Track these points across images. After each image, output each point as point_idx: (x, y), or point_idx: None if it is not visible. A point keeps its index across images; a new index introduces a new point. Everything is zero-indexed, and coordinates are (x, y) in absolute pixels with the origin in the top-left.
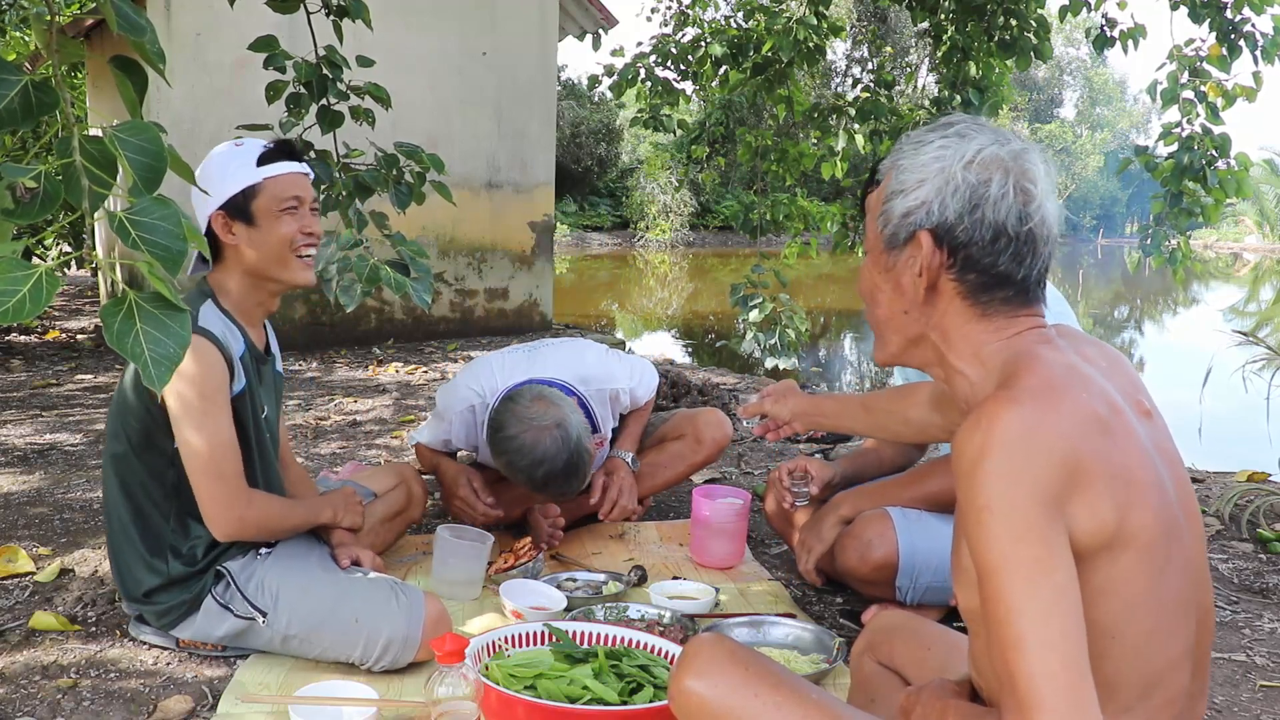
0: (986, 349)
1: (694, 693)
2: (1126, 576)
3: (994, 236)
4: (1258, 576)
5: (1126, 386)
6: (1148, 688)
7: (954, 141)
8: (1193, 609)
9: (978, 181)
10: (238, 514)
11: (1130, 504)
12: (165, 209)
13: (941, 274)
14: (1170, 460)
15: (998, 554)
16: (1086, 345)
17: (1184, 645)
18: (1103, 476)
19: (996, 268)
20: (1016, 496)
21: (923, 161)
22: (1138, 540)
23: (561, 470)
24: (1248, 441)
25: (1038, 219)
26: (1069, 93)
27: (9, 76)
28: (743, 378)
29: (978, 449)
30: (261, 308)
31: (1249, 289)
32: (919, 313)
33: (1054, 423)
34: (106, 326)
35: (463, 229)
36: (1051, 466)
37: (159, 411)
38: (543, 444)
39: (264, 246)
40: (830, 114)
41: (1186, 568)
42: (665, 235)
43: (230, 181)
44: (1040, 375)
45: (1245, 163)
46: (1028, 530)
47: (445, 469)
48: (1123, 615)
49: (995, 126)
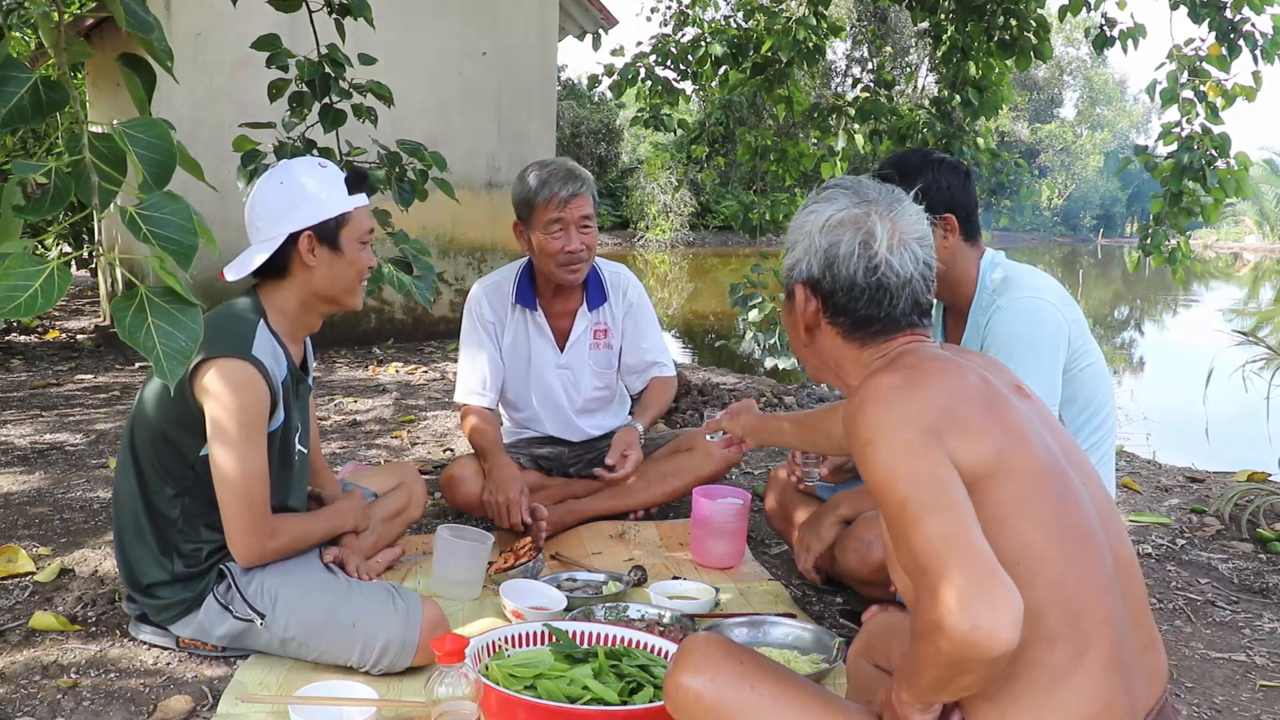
0: (871, 365)
1: (690, 689)
2: (1018, 505)
3: (849, 287)
4: (1258, 576)
5: (1002, 374)
6: (1071, 616)
7: (821, 206)
8: (1105, 550)
9: (830, 244)
10: (260, 545)
11: (1010, 445)
12: (176, 204)
13: (819, 318)
14: (1052, 427)
15: (885, 468)
16: (965, 351)
17: (1100, 579)
18: (978, 421)
19: (859, 312)
20: (894, 425)
21: (798, 224)
22: (1020, 472)
23: (564, 172)
24: (1248, 441)
25: (884, 270)
26: (1069, 93)
27: (19, 74)
28: (743, 378)
29: (858, 404)
30: (308, 327)
31: (1249, 289)
32: (814, 347)
33: (926, 381)
34: (118, 321)
35: (463, 229)
36: (926, 407)
37: (190, 418)
38: (551, 159)
39: (341, 274)
40: (830, 114)
41: (1083, 508)
42: (665, 235)
43: (327, 205)
44: (914, 358)
45: (1245, 162)
46: (908, 446)
47: (502, 465)
48: (1023, 543)
49: (864, 186)
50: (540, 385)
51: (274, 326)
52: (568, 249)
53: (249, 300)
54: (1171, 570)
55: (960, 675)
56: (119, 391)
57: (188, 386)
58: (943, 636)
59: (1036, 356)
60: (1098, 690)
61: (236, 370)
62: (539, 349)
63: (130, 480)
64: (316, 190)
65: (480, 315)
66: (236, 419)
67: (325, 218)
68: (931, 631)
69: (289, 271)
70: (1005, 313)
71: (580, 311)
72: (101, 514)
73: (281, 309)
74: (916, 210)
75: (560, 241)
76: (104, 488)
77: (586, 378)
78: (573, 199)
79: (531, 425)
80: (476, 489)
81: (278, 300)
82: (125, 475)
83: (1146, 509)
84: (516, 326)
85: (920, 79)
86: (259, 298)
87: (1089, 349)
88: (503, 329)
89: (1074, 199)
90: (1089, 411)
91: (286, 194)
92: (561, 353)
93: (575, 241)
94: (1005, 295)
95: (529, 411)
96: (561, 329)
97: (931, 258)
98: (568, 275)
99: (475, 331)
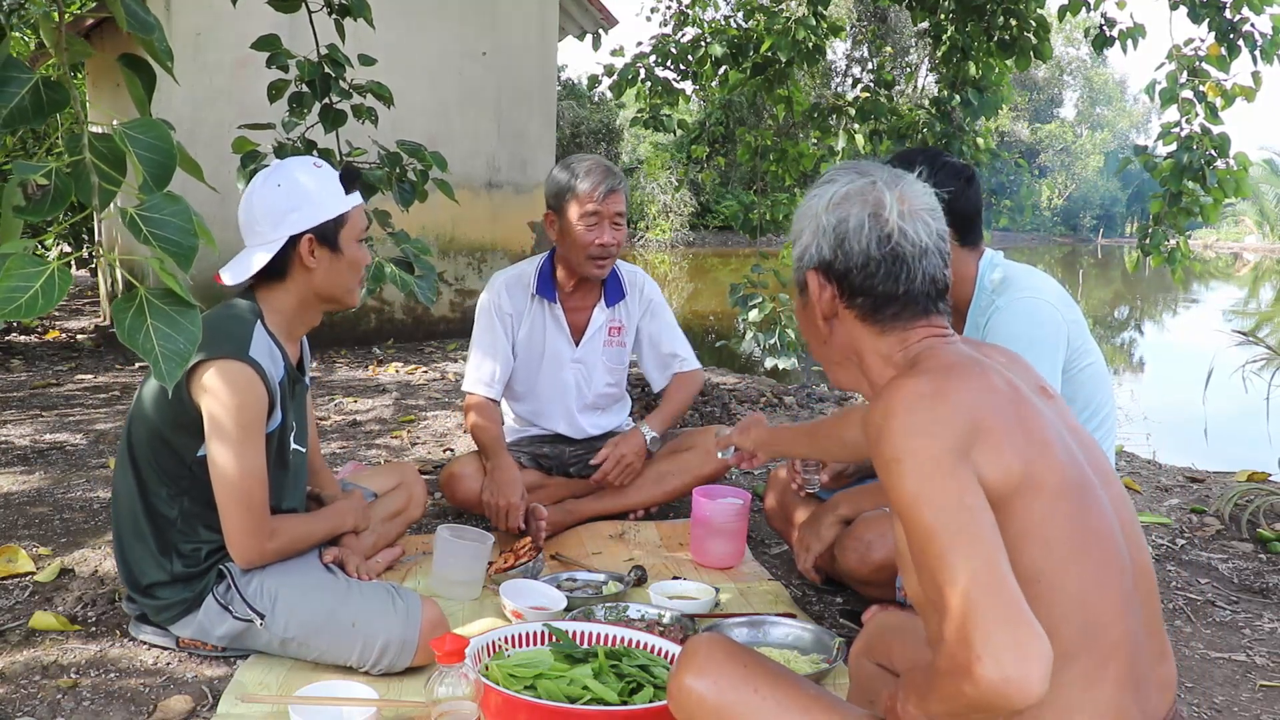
0: (894, 359)
1: (693, 691)
2: (1042, 520)
3: (864, 263)
4: (1258, 576)
5: (1026, 374)
6: (1089, 631)
7: (822, 189)
8: (1126, 562)
9: (838, 220)
10: (259, 546)
11: (1036, 456)
12: (176, 205)
13: (836, 304)
14: (1074, 430)
15: (911, 493)
16: (987, 346)
17: (1119, 593)
18: (1005, 433)
19: (876, 289)
20: (921, 443)
21: (801, 212)
22: (1048, 486)
23: (604, 168)
24: (1248, 441)
25: (898, 238)
26: (1069, 93)
27: (20, 75)
28: (743, 377)
29: (882, 414)
30: (306, 326)
31: (1249, 289)
32: (834, 341)
33: (954, 388)
34: (118, 322)
35: (463, 229)
36: (953, 421)
37: (187, 419)
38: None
39: (340, 274)
40: (830, 114)
41: (1105, 518)
42: (665, 235)
43: (327, 206)
44: (939, 360)
45: (1244, 162)
46: (936, 468)
47: (505, 467)
48: (1046, 559)
49: (864, 164)
50: (552, 377)
51: (271, 327)
52: (600, 241)
53: (246, 301)
54: (1171, 570)
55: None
56: (119, 391)
57: (185, 388)
58: (968, 682)
59: (1036, 357)
60: (1112, 705)
61: (234, 372)
62: (554, 341)
63: (129, 480)
64: (315, 192)
65: (499, 306)
66: (235, 420)
67: (325, 219)
68: (956, 673)
69: (288, 273)
70: (1004, 313)
71: (598, 307)
72: (101, 514)
73: (279, 309)
74: (924, 185)
75: (594, 234)
76: (104, 488)
77: (599, 373)
78: (610, 194)
79: (535, 419)
80: (477, 486)
81: (276, 301)
82: (124, 475)
83: (1146, 509)
84: (534, 318)
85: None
86: (256, 298)
87: (1088, 349)
88: (520, 320)
89: (1074, 199)
90: (1089, 411)
91: (285, 196)
92: (576, 346)
93: (608, 235)
94: (1004, 295)
95: (535, 404)
96: (578, 323)
97: (945, 231)
98: (595, 269)
99: (491, 323)
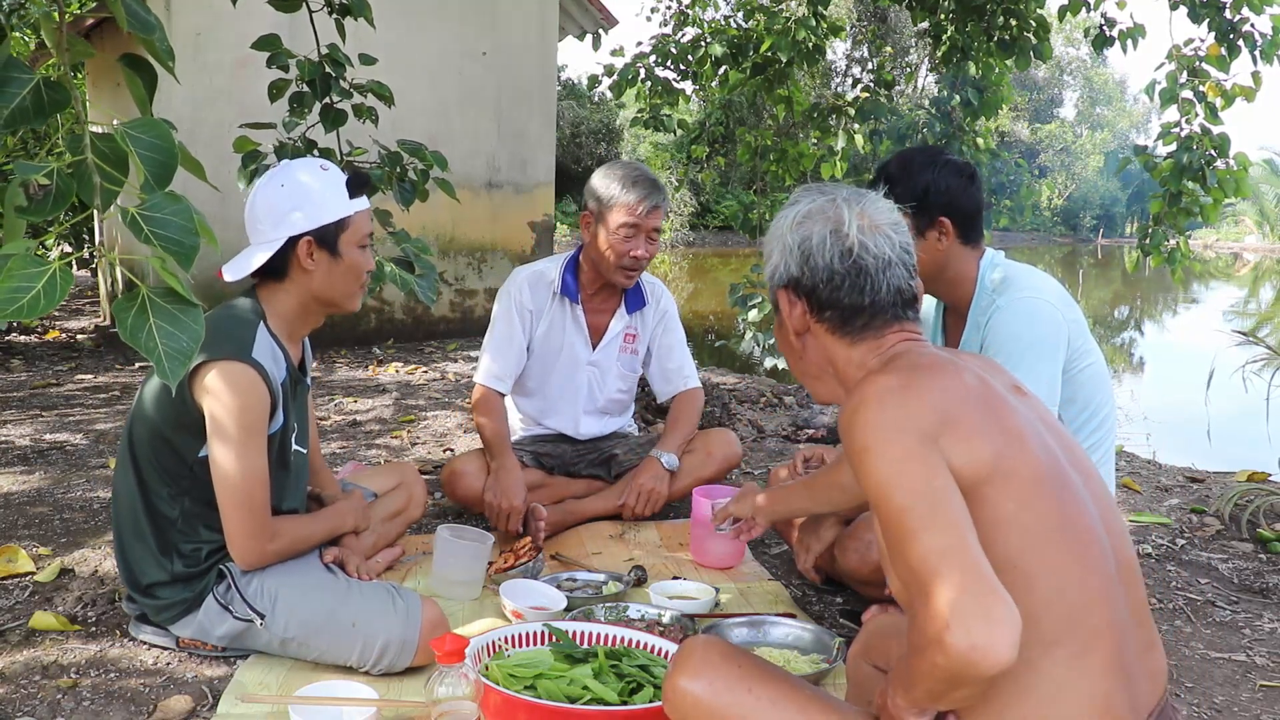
0: (868, 364)
1: (688, 692)
2: (1017, 509)
3: (829, 277)
4: (1258, 576)
5: (999, 375)
6: (1069, 618)
7: (787, 210)
8: (1107, 553)
9: (802, 238)
10: (260, 548)
11: (1007, 447)
12: (177, 204)
13: (807, 319)
14: (1051, 427)
15: (881, 477)
16: (962, 353)
17: (1100, 582)
18: (975, 423)
19: (843, 301)
20: (890, 431)
21: (770, 234)
22: (1020, 476)
23: (649, 181)
24: (1248, 441)
25: (859, 252)
26: (1069, 93)
27: (21, 75)
28: (743, 378)
29: (853, 407)
30: (308, 327)
31: (1249, 289)
32: (808, 356)
33: (923, 382)
34: (120, 321)
35: (463, 229)
36: (922, 411)
37: (189, 419)
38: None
39: (339, 278)
40: (830, 114)
41: (1084, 510)
42: (665, 235)
43: (328, 209)
44: (911, 359)
45: (1244, 162)
46: (904, 453)
47: (509, 468)
48: (1022, 547)
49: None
50: (566, 378)
51: (273, 328)
52: (634, 254)
53: (249, 301)
54: (1171, 570)
55: (956, 689)
56: (119, 391)
57: (187, 388)
58: (939, 652)
59: (1036, 356)
60: (1098, 693)
61: (237, 373)
62: (572, 342)
63: (129, 480)
64: (317, 194)
65: (519, 302)
66: (237, 422)
67: (325, 222)
68: (928, 646)
69: (287, 274)
70: (1005, 313)
71: (618, 313)
72: (101, 514)
73: (280, 310)
74: (887, 202)
75: (630, 245)
76: (104, 488)
77: (612, 378)
78: (653, 210)
79: (541, 418)
80: (478, 484)
81: (277, 302)
82: (124, 475)
83: (1146, 509)
84: (554, 317)
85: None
86: (258, 298)
87: (1089, 349)
88: (539, 317)
89: (1074, 199)
90: (1089, 411)
91: (287, 196)
92: (594, 349)
93: (643, 249)
94: (1005, 295)
95: (544, 403)
96: (597, 326)
97: (909, 243)
98: (623, 278)
99: (510, 317)
